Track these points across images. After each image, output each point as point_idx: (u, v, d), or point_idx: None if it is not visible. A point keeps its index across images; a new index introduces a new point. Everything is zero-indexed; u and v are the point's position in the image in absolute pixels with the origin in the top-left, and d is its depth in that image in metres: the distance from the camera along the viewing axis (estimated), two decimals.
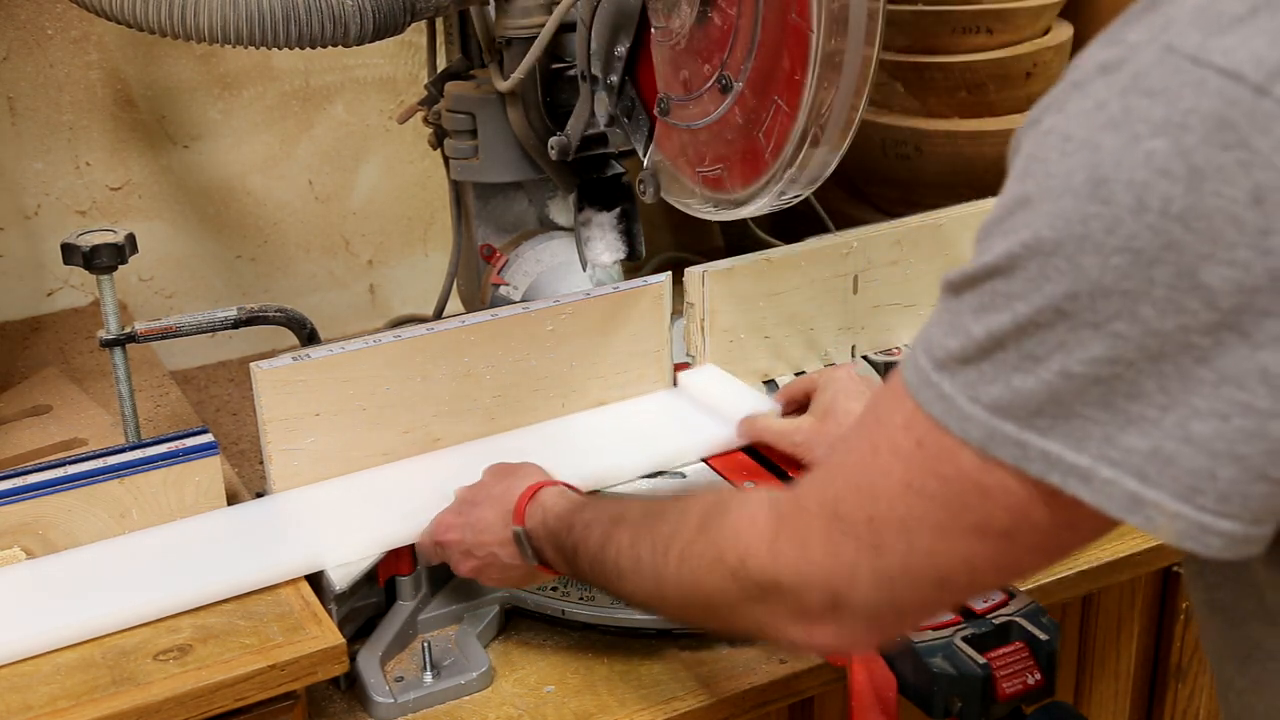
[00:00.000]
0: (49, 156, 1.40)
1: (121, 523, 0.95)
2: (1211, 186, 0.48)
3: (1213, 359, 0.50)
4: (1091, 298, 0.51)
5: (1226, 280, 0.49)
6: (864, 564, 0.60)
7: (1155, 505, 0.52)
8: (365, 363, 1.01)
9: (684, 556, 0.71)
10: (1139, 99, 0.49)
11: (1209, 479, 0.51)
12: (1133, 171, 0.49)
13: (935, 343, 0.57)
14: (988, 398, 0.54)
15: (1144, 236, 0.49)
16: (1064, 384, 0.52)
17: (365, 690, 0.92)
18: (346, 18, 1.03)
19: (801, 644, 0.66)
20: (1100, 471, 0.53)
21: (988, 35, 1.48)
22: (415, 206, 1.58)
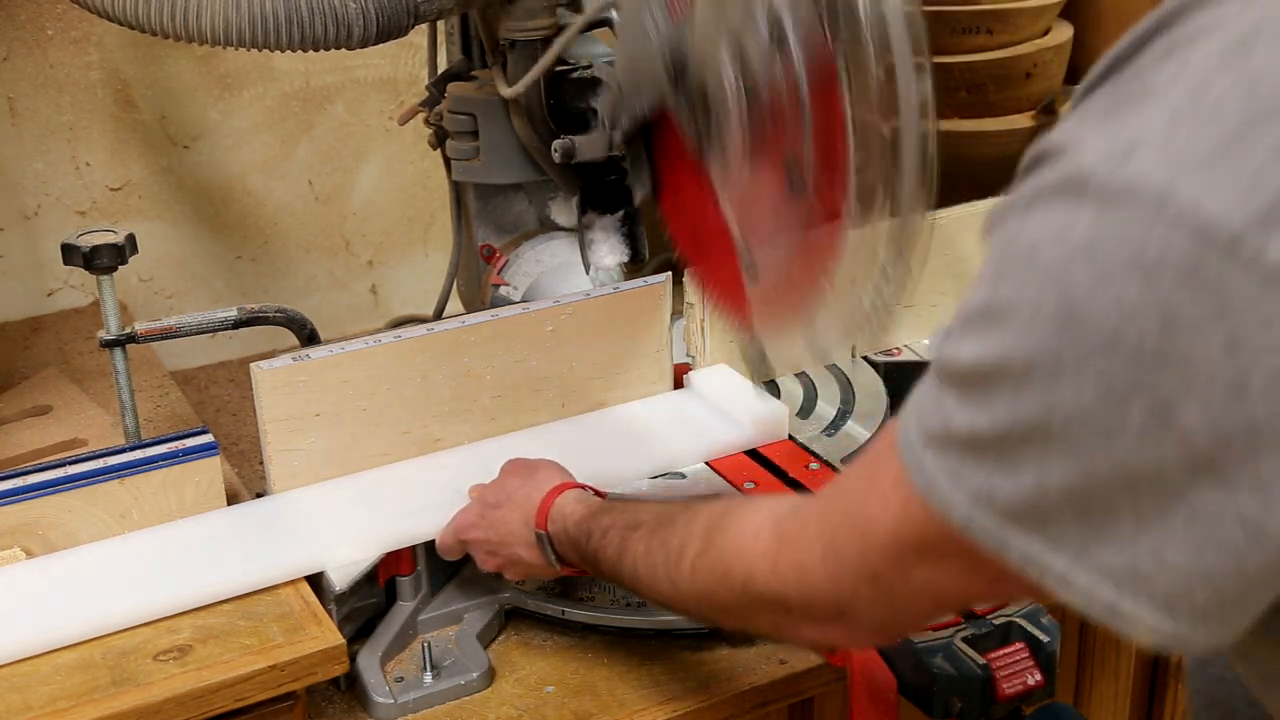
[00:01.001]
0: (49, 157, 1.40)
1: (121, 523, 0.95)
2: (1185, 335, 0.47)
3: (1188, 496, 0.49)
4: (1066, 424, 0.50)
5: (1201, 422, 0.47)
6: (862, 589, 0.63)
7: (1132, 616, 0.52)
8: (365, 363, 1.01)
9: (695, 569, 0.74)
10: (1106, 235, 0.48)
11: (1186, 598, 0.51)
12: (1105, 310, 0.48)
13: (925, 412, 0.56)
14: (968, 488, 0.54)
15: (1117, 373, 0.48)
16: (1039, 495, 0.52)
17: (365, 690, 0.92)
18: (350, 20, 1.03)
19: (819, 641, 0.70)
20: (1078, 577, 0.52)
21: (988, 36, 1.48)
22: (415, 207, 1.58)
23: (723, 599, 0.72)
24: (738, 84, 0.91)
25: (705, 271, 1.08)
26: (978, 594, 0.61)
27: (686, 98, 0.97)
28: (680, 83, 0.97)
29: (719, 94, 0.93)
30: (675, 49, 0.96)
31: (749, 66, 0.90)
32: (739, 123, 0.92)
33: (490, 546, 0.92)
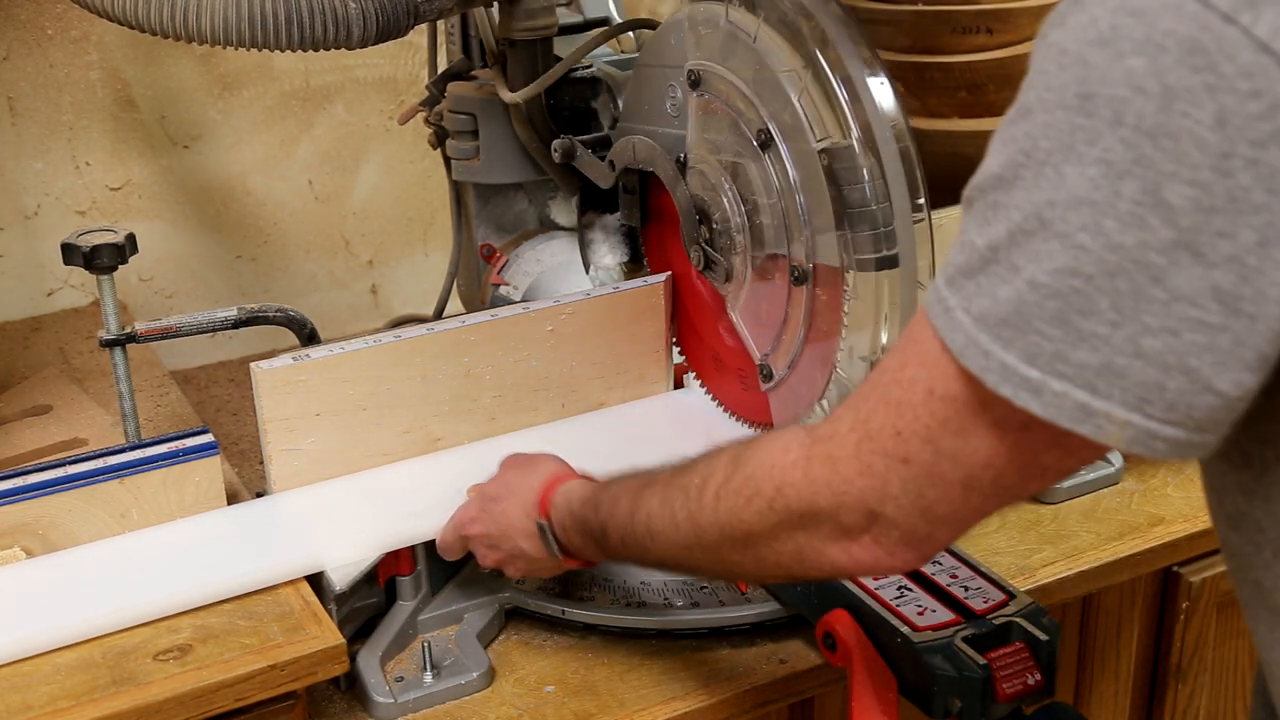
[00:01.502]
0: (49, 156, 1.40)
1: (121, 523, 0.95)
2: (1180, 106, 0.51)
3: (1167, 278, 0.53)
4: (1066, 207, 0.54)
5: (1187, 199, 0.52)
6: (894, 476, 0.63)
7: (1105, 415, 0.55)
8: (365, 363, 1.01)
9: (719, 495, 0.73)
10: (1125, 18, 0.52)
11: (1158, 390, 0.54)
12: (1114, 87, 0.52)
13: (950, 260, 0.60)
14: (976, 309, 0.57)
15: (1117, 150, 0.52)
16: (1029, 295, 0.55)
17: (365, 690, 0.92)
18: (350, 20, 1.03)
19: (843, 565, 0.68)
20: (1050, 384, 0.56)
21: (988, 35, 1.48)
22: (415, 206, 1.58)
23: (748, 522, 0.71)
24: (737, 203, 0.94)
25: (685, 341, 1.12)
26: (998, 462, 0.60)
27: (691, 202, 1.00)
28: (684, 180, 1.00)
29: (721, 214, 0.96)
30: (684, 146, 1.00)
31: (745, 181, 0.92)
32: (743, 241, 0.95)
33: (491, 540, 0.92)
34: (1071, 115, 0.53)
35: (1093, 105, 0.53)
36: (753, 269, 0.97)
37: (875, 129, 0.86)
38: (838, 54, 0.87)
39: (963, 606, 0.88)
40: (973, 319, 0.58)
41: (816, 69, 0.87)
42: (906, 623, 0.86)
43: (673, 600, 0.99)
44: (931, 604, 0.88)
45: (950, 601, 0.89)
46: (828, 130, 0.87)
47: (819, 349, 0.93)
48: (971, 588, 0.90)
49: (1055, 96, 0.54)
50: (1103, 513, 1.11)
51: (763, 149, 0.91)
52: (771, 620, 0.97)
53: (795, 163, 0.89)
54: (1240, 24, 0.50)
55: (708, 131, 0.97)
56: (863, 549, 0.67)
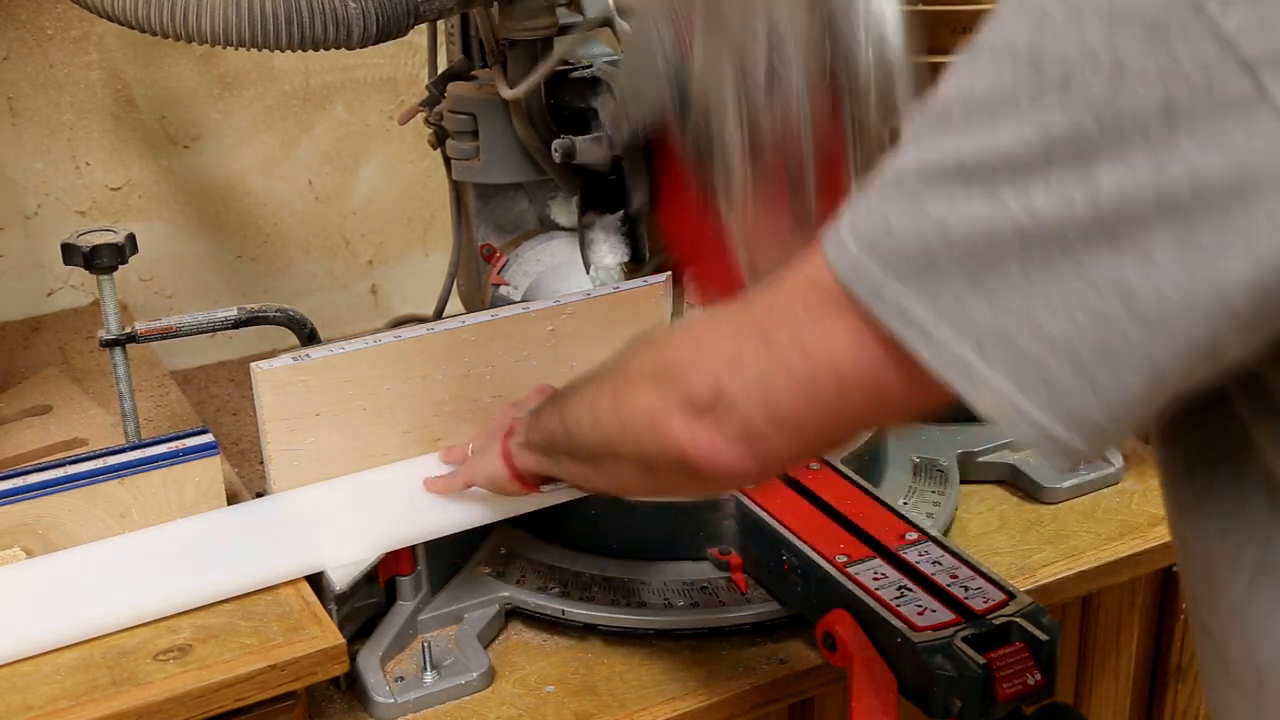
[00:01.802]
0: (49, 156, 1.40)
1: (121, 522, 0.95)
2: (1129, 86, 0.49)
3: (1078, 256, 0.51)
4: (994, 161, 0.52)
5: (1116, 183, 0.49)
6: (750, 350, 0.62)
7: (983, 378, 0.54)
8: (365, 363, 1.01)
9: (631, 348, 0.74)
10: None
11: (1039, 368, 0.53)
12: (1067, 48, 0.50)
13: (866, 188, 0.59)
14: (865, 232, 0.56)
15: (1057, 116, 0.50)
16: (935, 235, 0.54)
17: (365, 690, 0.92)
18: (350, 20, 1.03)
19: (683, 443, 0.66)
20: (941, 330, 0.54)
21: None
22: (415, 207, 1.58)
23: (627, 366, 0.72)
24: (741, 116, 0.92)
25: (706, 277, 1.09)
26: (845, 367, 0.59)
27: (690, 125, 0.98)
28: (684, 109, 0.98)
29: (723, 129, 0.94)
30: (680, 75, 0.97)
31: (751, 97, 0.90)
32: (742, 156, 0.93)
33: None
34: (1019, 67, 0.51)
35: (1041, 62, 0.50)
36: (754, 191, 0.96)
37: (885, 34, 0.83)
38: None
39: (963, 606, 0.88)
40: (859, 242, 0.56)
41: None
42: (906, 623, 0.86)
43: (673, 600, 0.99)
44: (931, 604, 0.88)
45: (950, 601, 0.89)
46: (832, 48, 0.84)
47: None
48: (971, 588, 0.90)
49: (1004, 42, 0.52)
50: (1103, 513, 1.11)
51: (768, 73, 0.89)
52: (771, 620, 0.97)
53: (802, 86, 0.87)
54: (1208, 13, 0.47)
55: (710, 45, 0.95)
56: (704, 429, 0.65)
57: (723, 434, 0.65)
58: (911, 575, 0.91)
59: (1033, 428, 0.54)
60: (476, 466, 0.94)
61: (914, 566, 0.92)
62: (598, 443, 0.76)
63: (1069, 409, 0.53)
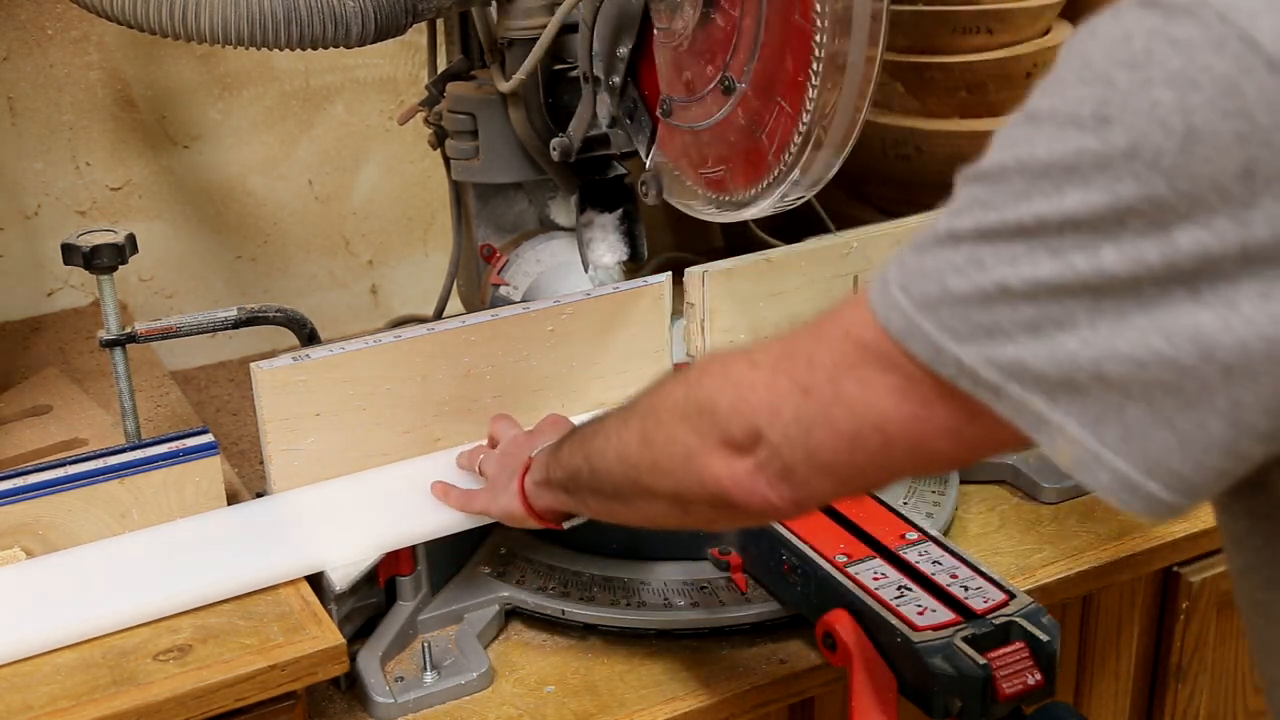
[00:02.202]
0: (49, 156, 1.40)
1: (121, 523, 0.95)
2: (1204, 151, 0.48)
3: (1153, 308, 0.50)
4: (1060, 226, 0.51)
5: (1197, 243, 0.49)
6: (791, 402, 0.63)
7: (1059, 428, 0.54)
8: (365, 363, 1.01)
9: (660, 385, 0.75)
10: (1162, 44, 0.49)
11: (1116, 413, 0.52)
12: (1135, 117, 0.49)
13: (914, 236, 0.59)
14: (918, 291, 0.56)
15: (1128, 183, 0.50)
16: (997, 297, 0.53)
17: (365, 690, 0.92)
18: (348, 18, 1.03)
19: (723, 480, 0.67)
20: (1010, 389, 0.54)
21: (988, 35, 1.48)
22: (415, 207, 1.58)
23: (661, 401, 0.72)
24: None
25: None
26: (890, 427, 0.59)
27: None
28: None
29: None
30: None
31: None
32: None
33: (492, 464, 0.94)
34: (1084, 135, 0.51)
35: (1108, 130, 0.50)
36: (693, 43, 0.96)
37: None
38: None
39: (963, 606, 0.88)
40: (913, 302, 0.56)
41: None
42: (906, 622, 0.86)
43: (673, 600, 0.99)
44: (931, 604, 0.88)
45: (950, 601, 0.89)
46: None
47: None
48: (971, 587, 0.90)
49: (1068, 110, 0.51)
50: (1103, 513, 1.11)
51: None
52: (771, 620, 0.97)
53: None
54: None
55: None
56: (744, 469, 0.66)
57: (764, 474, 0.66)
58: (911, 575, 0.91)
59: (1113, 476, 0.53)
60: (492, 501, 0.93)
61: (914, 566, 0.92)
62: (626, 479, 0.76)
63: (1150, 456, 0.52)
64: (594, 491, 0.81)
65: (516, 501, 0.90)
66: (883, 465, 0.62)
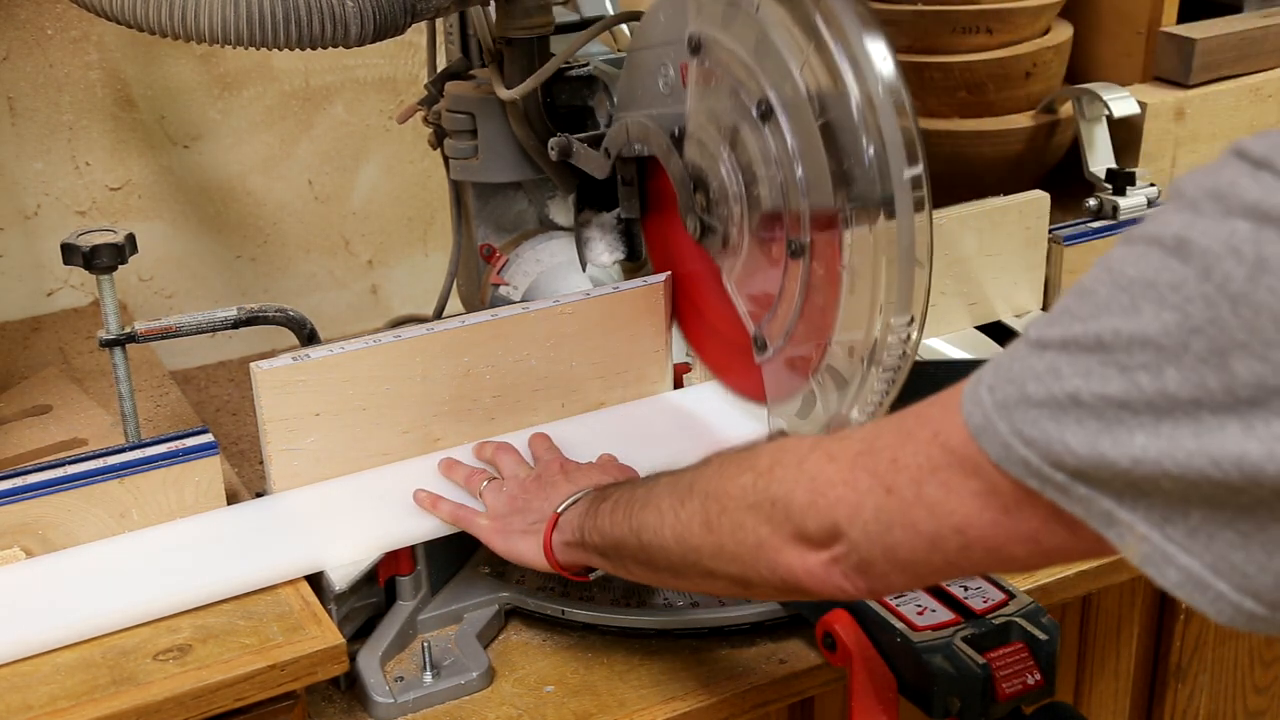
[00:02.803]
0: (49, 156, 1.40)
1: (121, 523, 0.95)
2: (1269, 281, 0.50)
3: (1205, 434, 0.52)
4: (1130, 341, 0.54)
5: (1253, 373, 0.51)
6: (872, 500, 0.64)
7: (1128, 526, 0.55)
8: (365, 363, 1.01)
9: (723, 463, 0.75)
10: (1245, 178, 0.52)
11: (1181, 515, 0.54)
12: (1212, 242, 0.52)
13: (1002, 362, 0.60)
14: (1001, 395, 0.58)
15: (1197, 304, 0.52)
16: (1068, 406, 0.55)
17: (365, 690, 0.92)
18: (347, 18, 1.02)
19: (796, 572, 0.68)
20: (1077, 489, 0.56)
21: (987, 35, 1.48)
22: (415, 206, 1.58)
23: (730, 492, 0.72)
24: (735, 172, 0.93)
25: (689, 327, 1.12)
26: (970, 531, 0.61)
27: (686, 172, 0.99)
28: (681, 154, 0.99)
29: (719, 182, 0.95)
30: (681, 118, 0.99)
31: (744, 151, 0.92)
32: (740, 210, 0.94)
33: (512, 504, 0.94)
34: (1165, 256, 0.53)
35: (1187, 253, 0.52)
36: (750, 239, 0.97)
37: (877, 103, 0.84)
38: (840, 25, 0.85)
39: (962, 606, 0.88)
40: (995, 402, 0.58)
41: (819, 41, 0.86)
42: (906, 622, 0.86)
43: (673, 600, 0.99)
44: (931, 604, 0.88)
45: (949, 601, 0.89)
46: (828, 104, 0.86)
47: (814, 324, 0.92)
48: (971, 587, 0.90)
49: (1156, 233, 0.54)
50: None
51: (763, 120, 0.90)
52: (771, 620, 0.97)
53: (795, 133, 0.88)
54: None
55: (706, 100, 0.97)
56: (819, 563, 0.67)
57: (839, 568, 0.67)
58: None
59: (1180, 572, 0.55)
60: (501, 542, 0.93)
61: None
62: (683, 559, 0.77)
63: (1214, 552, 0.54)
64: (642, 563, 0.81)
65: (539, 556, 0.89)
66: (959, 565, 0.64)
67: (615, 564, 0.84)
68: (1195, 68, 1.49)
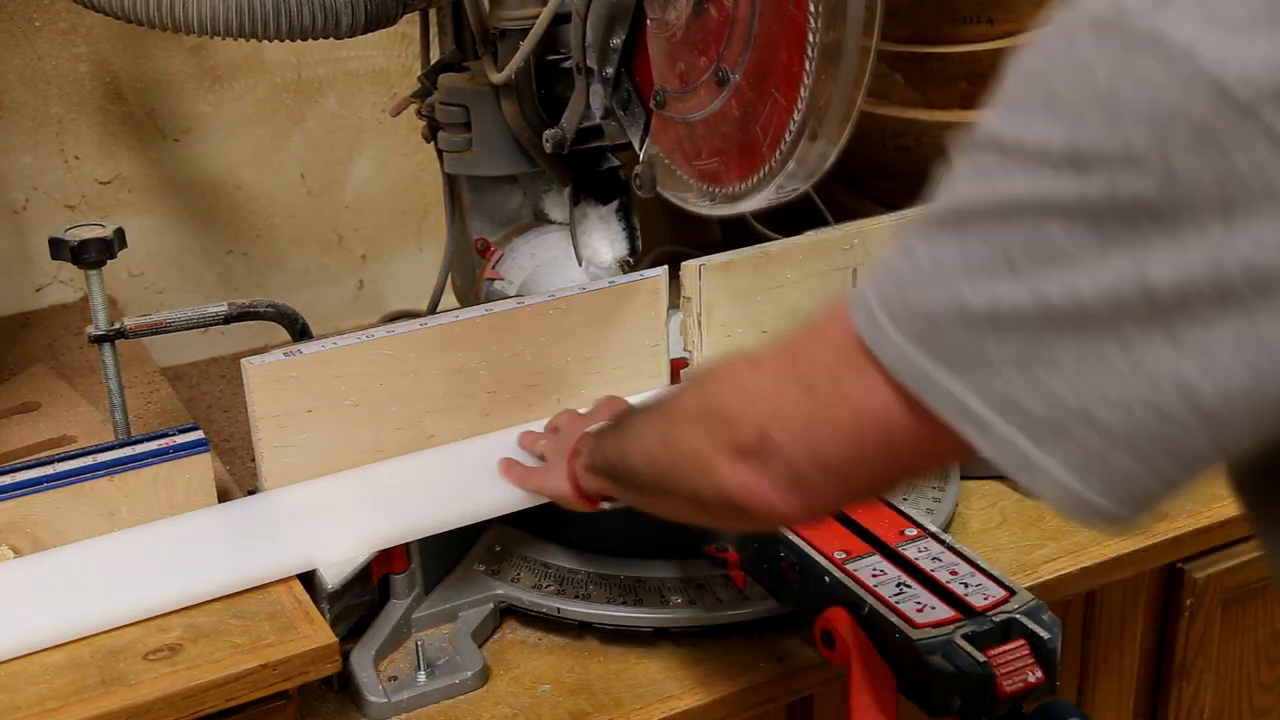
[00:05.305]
0: (37, 150, 1.39)
1: (111, 521, 0.94)
2: (1184, 191, 0.48)
3: (1135, 352, 0.51)
4: (1043, 256, 0.51)
5: (1172, 281, 0.49)
6: (794, 400, 0.63)
7: (1043, 471, 0.54)
8: (358, 358, 1.00)
9: (679, 387, 0.77)
10: (1125, 80, 0.49)
11: (1100, 461, 0.53)
12: (1111, 154, 0.49)
13: (885, 258, 0.59)
14: (908, 326, 0.56)
15: (1109, 216, 0.50)
16: (988, 330, 0.53)
17: (358, 690, 0.91)
18: (338, 9, 1.02)
19: (730, 486, 0.67)
20: (997, 426, 0.54)
21: (988, 25, 1.47)
22: (409, 200, 1.57)
23: (675, 406, 0.73)
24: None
25: None
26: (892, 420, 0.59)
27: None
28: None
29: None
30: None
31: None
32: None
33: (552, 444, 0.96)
34: (1059, 170, 0.51)
35: (1084, 165, 0.50)
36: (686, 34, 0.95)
37: None
38: None
39: (962, 603, 0.87)
40: (903, 333, 0.56)
41: None
42: (905, 620, 0.85)
43: (670, 598, 0.98)
44: (931, 601, 0.88)
45: (950, 598, 0.88)
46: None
47: None
48: (971, 584, 0.89)
49: (1038, 144, 0.51)
50: None
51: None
52: (769, 618, 0.97)
53: None
54: (1261, 118, 0.47)
55: None
56: (750, 472, 0.66)
57: (769, 478, 0.65)
58: (911, 572, 0.91)
59: (1100, 515, 0.54)
60: (545, 481, 0.94)
61: (913, 563, 0.91)
62: (650, 478, 0.77)
63: (1132, 493, 0.54)
64: (631, 485, 0.82)
65: (566, 484, 0.90)
66: (886, 464, 0.62)
67: (618, 487, 0.85)
68: None
